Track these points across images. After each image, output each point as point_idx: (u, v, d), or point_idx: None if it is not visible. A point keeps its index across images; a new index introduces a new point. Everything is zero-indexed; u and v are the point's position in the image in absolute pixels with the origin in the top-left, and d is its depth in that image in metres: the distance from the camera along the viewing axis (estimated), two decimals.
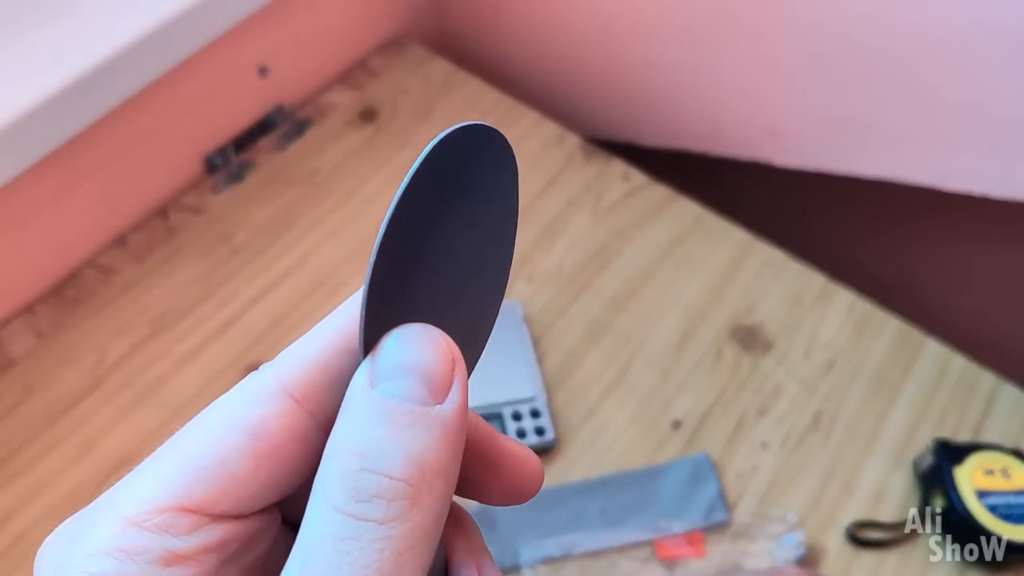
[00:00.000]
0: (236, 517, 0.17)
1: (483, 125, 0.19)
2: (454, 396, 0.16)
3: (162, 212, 0.76)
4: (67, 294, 0.70)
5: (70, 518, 0.17)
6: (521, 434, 0.64)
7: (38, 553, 0.17)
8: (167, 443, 0.17)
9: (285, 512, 0.19)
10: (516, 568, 0.59)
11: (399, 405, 0.16)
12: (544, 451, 0.65)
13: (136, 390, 0.66)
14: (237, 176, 0.78)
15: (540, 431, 0.64)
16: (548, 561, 0.60)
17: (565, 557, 0.60)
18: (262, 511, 0.18)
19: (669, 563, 0.60)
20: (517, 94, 0.87)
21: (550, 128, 0.84)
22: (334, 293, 0.72)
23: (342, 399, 0.17)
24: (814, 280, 0.75)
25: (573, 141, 0.83)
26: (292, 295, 0.71)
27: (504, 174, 0.18)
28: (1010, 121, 0.68)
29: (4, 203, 0.63)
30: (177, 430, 0.18)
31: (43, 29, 0.62)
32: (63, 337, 0.68)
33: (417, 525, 0.15)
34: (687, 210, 0.79)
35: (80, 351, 0.67)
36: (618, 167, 0.81)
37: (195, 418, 0.18)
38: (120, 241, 0.74)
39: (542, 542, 0.60)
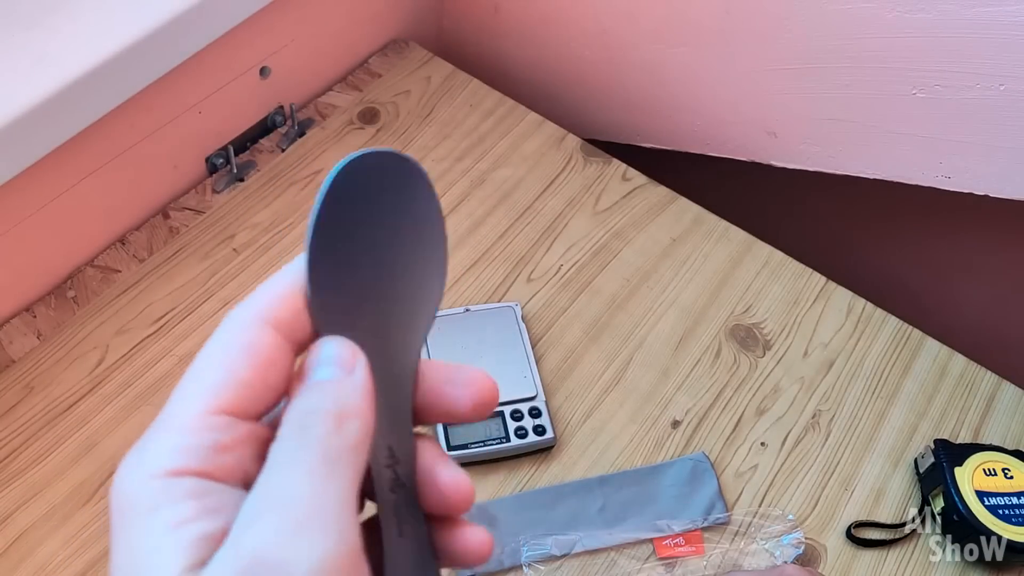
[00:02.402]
0: (255, 419, 0.23)
1: (395, 154, 0.24)
2: (359, 369, 0.24)
3: (163, 212, 0.76)
4: (67, 294, 0.70)
5: (133, 448, 0.23)
6: (521, 434, 0.64)
7: (115, 477, 0.22)
8: (185, 378, 0.23)
9: None
10: (516, 566, 0.59)
11: (328, 380, 0.23)
12: (544, 450, 0.65)
13: (136, 390, 0.66)
14: (238, 176, 0.78)
15: (540, 430, 0.64)
16: (548, 560, 0.60)
17: (565, 556, 0.60)
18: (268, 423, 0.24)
19: (668, 562, 0.60)
20: (517, 95, 0.87)
21: (550, 129, 0.84)
22: None
23: (304, 323, 0.24)
24: (813, 280, 0.75)
25: (573, 142, 0.83)
26: None
27: (417, 191, 0.24)
28: (1010, 121, 0.68)
29: (4, 202, 0.63)
30: None
31: (44, 29, 0.62)
32: (63, 337, 0.68)
33: (343, 441, 0.22)
34: (686, 210, 0.79)
35: (80, 351, 0.67)
36: (617, 168, 0.81)
37: (198, 355, 0.24)
38: (121, 241, 0.74)
39: (542, 541, 0.60)
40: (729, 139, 0.84)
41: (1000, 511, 0.60)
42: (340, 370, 0.23)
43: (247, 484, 0.22)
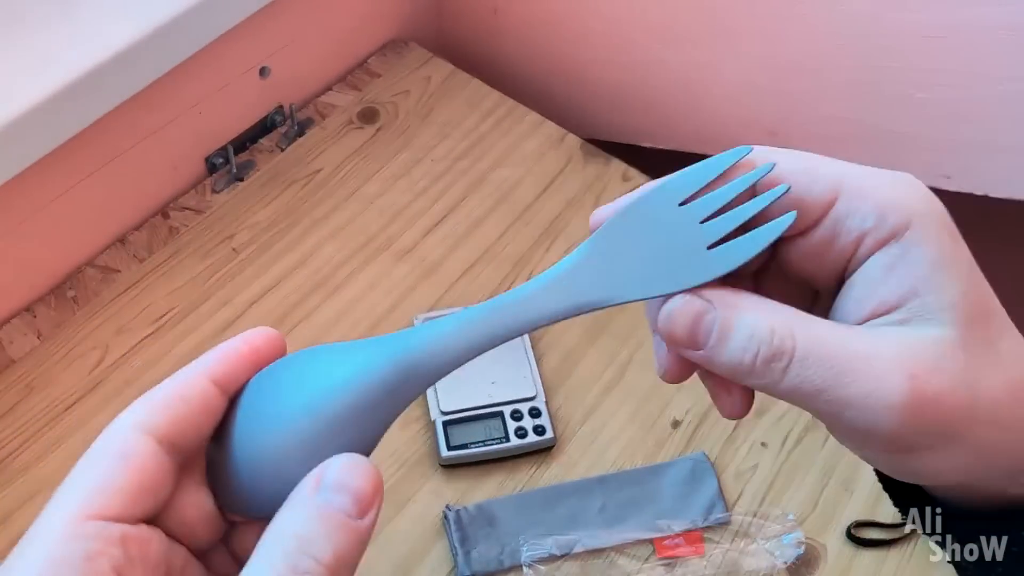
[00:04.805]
0: (128, 521, 0.23)
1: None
2: (371, 515, 0.23)
3: (163, 212, 0.76)
4: (67, 294, 0.70)
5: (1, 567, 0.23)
6: (521, 434, 0.64)
7: None
8: (61, 485, 0.24)
9: (171, 531, 0.26)
10: (516, 566, 0.59)
11: (336, 513, 0.23)
12: (544, 450, 0.65)
13: (136, 390, 0.65)
14: (238, 176, 0.78)
15: (540, 431, 0.64)
16: (548, 560, 0.60)
17: (565, 556, 0.60)
18: (146, 522, 0.24)
19: (668, 562, 0.60)
20: (517, 95, 0.87)
21: (550, 129, 0.84)
22: (334, 293, 0.72)
23: (188, 431, 0.25)
24: None
25: (573, 142, 0.83)
26: (293, 295, 0.72)
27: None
28: (1010, 121, 0.68)
29: (5, 203, 0.63)
30: None
31: (44, 29, 0.62)
32: (63, 337, 0.68)
33: None
34: None
35: (80, 351, 0.67)
36: (617, 167, 0.81)
37: (77, 462, 0.25)
38: (121, 241, 0.74)
39: (542, 541, 0.60)
40: (729, 139, 0.83)
41: None
42: (354, 508, 0.23)
43: None
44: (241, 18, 0.69)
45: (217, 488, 0.27)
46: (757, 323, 0.25)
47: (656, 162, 0.86)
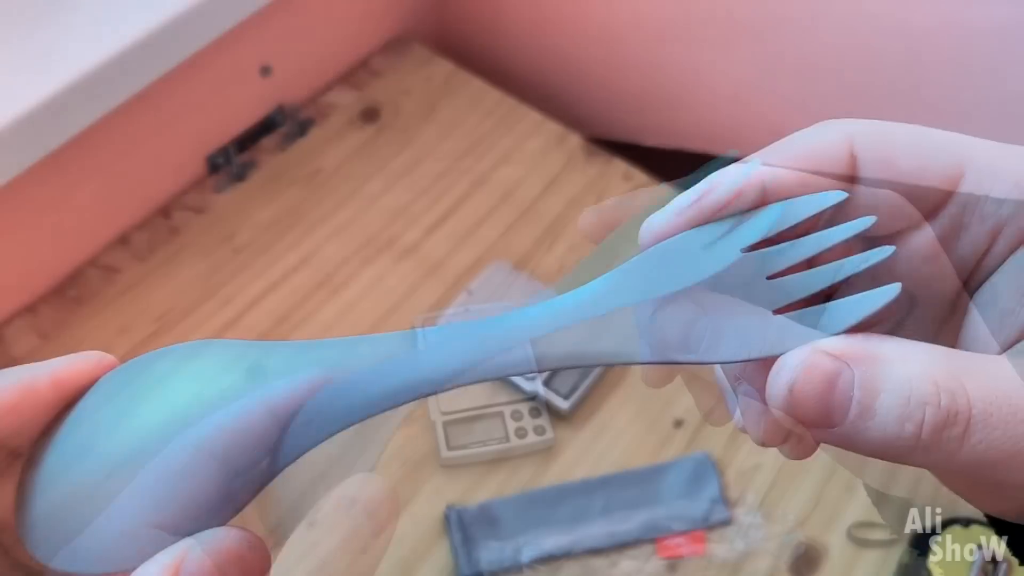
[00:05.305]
0: None
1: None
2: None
3: (164, 211, 0.76)
4: (69, 293, 0.70)
5: None
6: (521, 434, 0.64)
7: None
8: None
9: None
10: (517, 567, 0.59)
11: None
12: (544, 451, 0.65)
13: None
14: (239, 176, 0.78)
15: (540, 431, 0.64)
16: (549, 560, 0.60)
17: (566, 556, 0.60)
18: None
19: (670, 562, 0.60)
20: (518, 94, 0.87)
21: (551, 128, 0.84)
22: (336, 292, 0.72)
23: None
24: None
25: (574, 141, 0.83)
26: (294, 295, 0.72)
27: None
28: (1010, 121, 0.68)
29: (6, 202, 0.63)
30: None
31: (44, 28, 0.62)
32: (65, 337, 0.68)
33: None
34: None
35: (82, 350, 0.67)
36: (619, 167, 0.81)
37: None
38: (122, 240, 0.74)
39: (543, 541, 0.60)
40: (732, 138, 0.84)
41: None
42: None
43: None
44: (242, 17, 0.69)
45: (18, 521, 0.20)
46: (913, 378, 0.18)
47: (659, 161, 0.86)
